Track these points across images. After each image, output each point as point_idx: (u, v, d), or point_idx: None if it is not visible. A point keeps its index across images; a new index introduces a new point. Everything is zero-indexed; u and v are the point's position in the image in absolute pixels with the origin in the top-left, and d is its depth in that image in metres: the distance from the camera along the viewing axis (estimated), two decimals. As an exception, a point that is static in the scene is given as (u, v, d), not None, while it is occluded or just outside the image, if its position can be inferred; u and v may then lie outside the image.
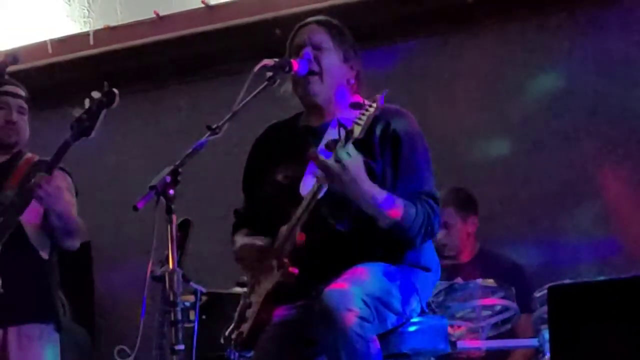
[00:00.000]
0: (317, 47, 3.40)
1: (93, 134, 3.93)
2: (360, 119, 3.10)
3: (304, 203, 3.18)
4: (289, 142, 3.46)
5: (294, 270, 3.13)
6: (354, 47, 3.47)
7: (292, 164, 3.35)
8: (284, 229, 3.22)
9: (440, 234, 4.88)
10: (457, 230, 5.06)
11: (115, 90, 3.86)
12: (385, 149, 3.27)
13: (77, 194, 4.30)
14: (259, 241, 3.35)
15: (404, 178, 3.25)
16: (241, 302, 3.38)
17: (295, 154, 3.35)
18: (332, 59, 3.39)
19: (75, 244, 4.21)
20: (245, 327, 3.28)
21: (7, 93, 4.26)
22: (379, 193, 3.14)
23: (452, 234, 5.05)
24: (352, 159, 3.07)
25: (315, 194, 3.15)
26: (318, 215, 3.18)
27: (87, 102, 3.93)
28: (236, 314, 3.36)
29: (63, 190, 4.07)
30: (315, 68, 3.37)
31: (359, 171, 3.10)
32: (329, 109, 3.40)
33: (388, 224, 3.17)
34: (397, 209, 3.16)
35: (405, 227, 3.17)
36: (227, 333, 3.38)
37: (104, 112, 3.90)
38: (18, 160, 4.24)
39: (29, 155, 4.28)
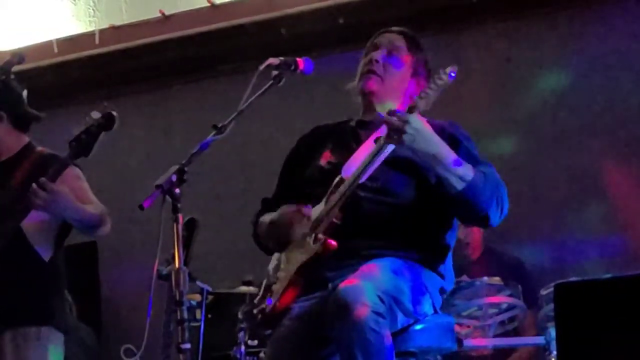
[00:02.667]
0: (390, 53, 3.44)
1: (90, 154, 3.90)
2: (426, 92, 3.15)
3: (353, 174, 3.21)
4: (337, 136, 3.50)
5: (333, 243, 3.15)
6: (428, 67, 3.51)
7: (337, 153, 3.40)
8: (319, 206, 3.24)
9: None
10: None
11: (115, 114, 3.80)
12: None
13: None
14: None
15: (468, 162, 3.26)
16: (265, 280, 3.38)
17: (342, 144, 3.41)
18: (400, 68, 3.44)
19: (102, 232, 4.18)
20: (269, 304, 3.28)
21: None
22: (449, 149, 3.17)
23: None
24: (417, 117, 3.12)
25: (375, 154, 3.17)
26: (352, 197, 3.22)
27: (87, 120, 3.88)
28: (261, 289, 3.36)
29: (62, 191, 4.02)
30: (379, 71, 3.41)
31: (426, 126, 3.14)
32: (383, 110, 3.43)
33: (460, 185, 3.16)
34: (469, 169, 3.17)
35: (477, 189, 3.17)
36: (246, 309, 3.36)
37: (102, 134, 3.87)
38: (26, 156, 4.21)
39: (38, 149, 4.25)
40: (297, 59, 3.38)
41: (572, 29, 5.48)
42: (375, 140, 3.26)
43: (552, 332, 4.10)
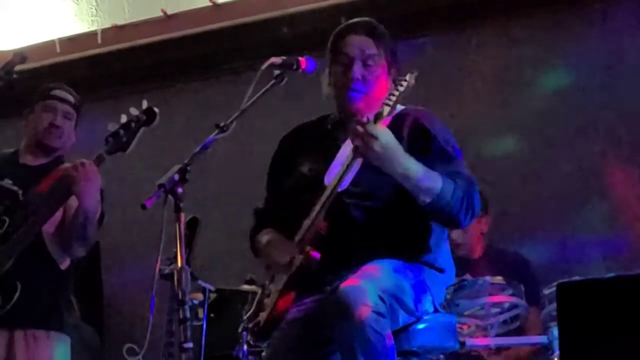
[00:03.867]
0: (365, 64, 3.38)
1: (129, 150, 3.93)
2: (389, 99, 3.17)
3: (332, 183, 3.20)
4: (316, 138, 3.48)
5: (316, 255, 3.14)
6: (395, 52, 3.47)
7: (318, 158, 3.37)
8: (306, 220, 3.23)
9: (455, 234, 4.88)
10: (471, 229, 5.04)
11: (156, 109, 3.83)
12: (415, 143, 3.27)
13: (103, 216, 4.27)
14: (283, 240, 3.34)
15: (437, 164, 3.24)
16: (259, 292, 3.38)
17: (321, 148, 3.39)
18: (378, 75, 3.39)
19: (82, 252, 4.21)
20: (262, 316, 3.28)
21: (55, 97, 4.29)
22: (415, 164, 3.15)
23: (467, 233, 5.03)
24: (385, 132, 3.10)
25: (348, 164, 3.17)
26: (339, 205, 3.20)
27: (123, 117, 3.91)
28: (254, 303, 3.37)
29: (98, 188, 4.06)
30: (363, 89, 3.37)
31: (393, 142, 3.12)
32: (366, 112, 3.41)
33: (429, 198, 3.15)
34: (436, 181, 3.16)
35: (446, 200, 3.16)
36: (245, 319, 3.37)
37: (142, 129, 3.90)
38: (54, 167, 4.25)
39: (66, 164, 4.30)
40: (300, 58, 3.38)
41: (574, 27, 5.46)
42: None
43: (555, 331, 4.09)
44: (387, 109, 3.15)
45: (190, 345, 2.99)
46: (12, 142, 4.51)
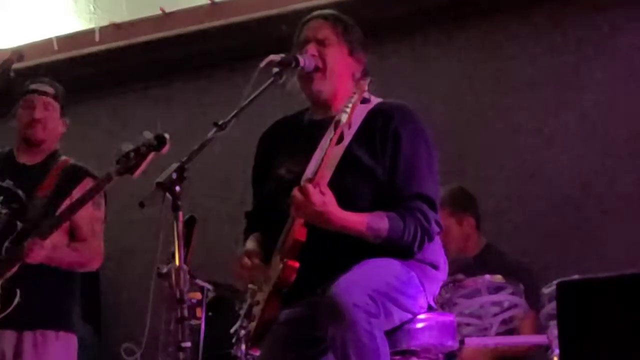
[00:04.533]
0: (321, 43, 3.39)
1: (137, 173, 3.93)
2: (347, 106, 3.16)
3: None
4: (294, 137, 3.46)
5: (294, 264, 3.12)
6: (361, 40, 3.45)
7: (296, 158, 3.35)
8: (286, 225, 3.21)
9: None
10: (453, 233, 4.98)
11: (167, 135, 3.83)
12: (385, 146, 3.26)
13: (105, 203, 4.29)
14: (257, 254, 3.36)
15: (400, 179, 3.25)
16: (249, 300, 3.37)
17: (299, 148, 3.36)
18: (336, 54, 3.38)
19: (92, 268, 4.26)
20: (251, 326, 3.27)
21: (34, 91, 4.35)
22: (356, 222, 3.16)
23: (449, 236, 4.96)
24: (325, 200, 3.10)
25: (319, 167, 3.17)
26: None
27: (139, 139, 3.90)
28: (244, 312, 3.36)
29: (55, 245, 4.08)
30: (319, 64, 3.37)
31: (327, 205, 3.11)
32: (335, 103, 3.38)
33: (379, 240, 3.18)
34: (380, 230, 3.17)
35: (394, 240, 3.19)
36: (233, 331, 3.37)
37: (152, 154, 3.91)
38: (52, 164, 4.25)
39: (63, 158, 4.30)
40: (298, 55, 3.37)
41: (575, 26, 5.46)
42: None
43: (554, 330, 4.08)
44: (345, 116, 3.14)
45: (188, 344, 2.99)
46: (12, 142, 4.51)
